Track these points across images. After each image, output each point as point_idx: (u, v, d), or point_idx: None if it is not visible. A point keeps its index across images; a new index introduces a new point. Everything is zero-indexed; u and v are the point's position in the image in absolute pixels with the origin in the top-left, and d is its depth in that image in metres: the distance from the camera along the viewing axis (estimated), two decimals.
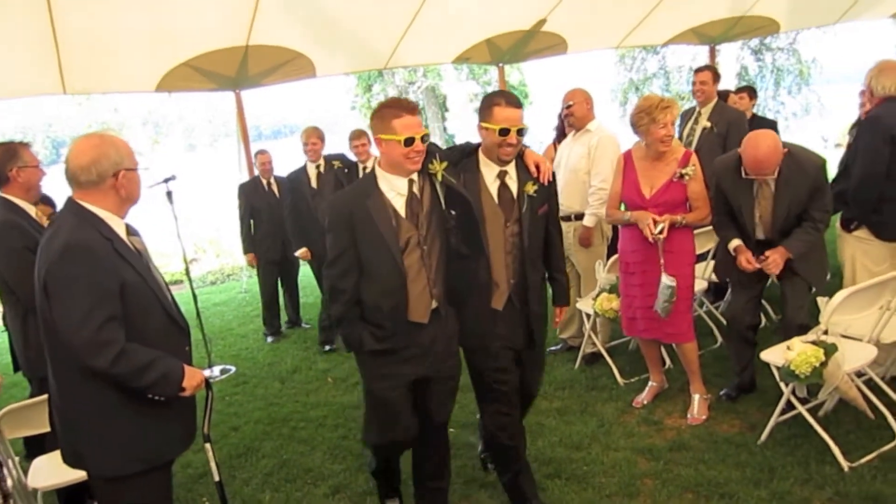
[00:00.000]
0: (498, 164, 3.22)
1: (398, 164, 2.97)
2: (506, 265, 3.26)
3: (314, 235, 6.20)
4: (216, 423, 5.02)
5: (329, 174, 6.43)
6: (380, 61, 7.89)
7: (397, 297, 3.05)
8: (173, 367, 2.50)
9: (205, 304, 8.88)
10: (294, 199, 6.54)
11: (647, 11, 8.08)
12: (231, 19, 6.12)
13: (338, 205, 3.12)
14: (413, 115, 2.93)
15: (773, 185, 3.96)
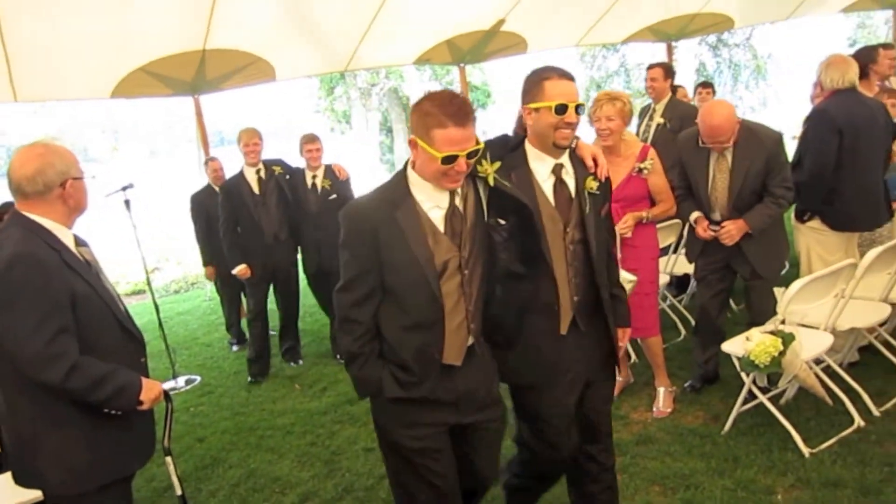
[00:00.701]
0: (553, 154, 2.61)
1: (433, 180, 2.37)
2: (568, 280, 2.64)
3: (257, 249, 5.81)
4: (181, 435, 4.95)
5: (271, 180, 5.87)
6: (340, 63, 7.85)
7: (430, 334, 2.44)
8: (130, 379, 2.45)
9: (168, 314, 8.78)
10: (231, 210, 5.81)
11: (605, 10, 8.17)
12: (187, 23, 6.04)
13: (358, 216, 2.43)
14: (463, 128, 2.26)
15: (729, 158, 4.02)
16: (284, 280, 6.08)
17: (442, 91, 2.35)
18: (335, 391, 5.40)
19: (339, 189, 5.87)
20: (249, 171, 5.84)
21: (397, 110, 20.92)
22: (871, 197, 4.35)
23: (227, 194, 5.84)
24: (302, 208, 5.87)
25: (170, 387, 5.92)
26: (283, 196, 5.85)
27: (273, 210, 5.81)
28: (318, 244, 5.83)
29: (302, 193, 5.87)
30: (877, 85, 5.06)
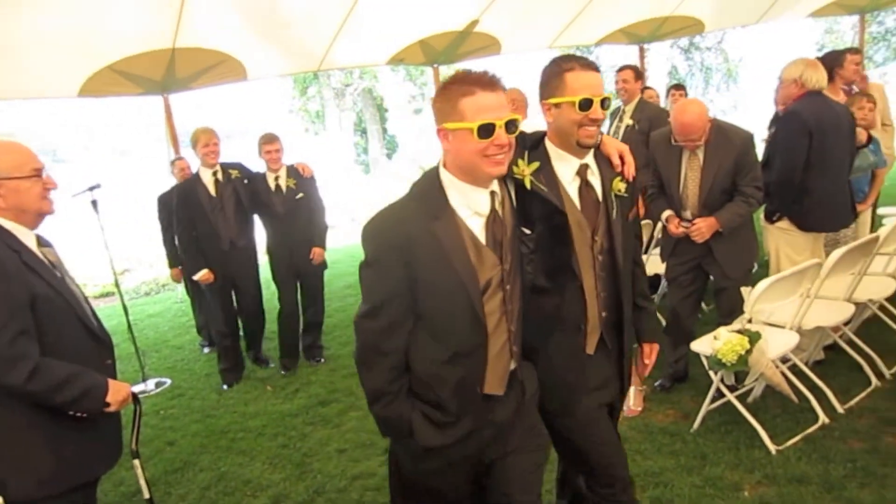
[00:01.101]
0: (577, 154, 2.34)
1: (472, 167, 2.02)
2: (596, 294, 2.39)
3: (213, 255, 5.58)
4: (151, 439, 4.89)
5: (228, 184, 5.63)
6: (313, 63, 7.81)
7: (470, 364, 2.14)
8: (96, 382, 2.41)
9: (139, 316, 8.69)
10: (188, 213, 5.56)
11: (577, 12, 8.21)
12: (156, 21, 5.96)
13: (387, 228, 2.07)
14: (493, 92, 1.98)
15: (701, 157, 4.07)
16: (245, 288, 5.85)
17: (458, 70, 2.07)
18: (307, 393, 5.37)
19: (306, 188, 5.77)
20: (206, 174, 5.60)
21: (371, 111, 20.89)
22: (838, 198, 4.43)
23: (183, 197, 5.59)
24: (267, 212, 5.73)
25: (139, 390, 5.85)
26: (240, 201, 5.65)
27: (230, 215, 5.60)
28: (290, 247, 5.74)
29: (265, 197, 5.69)
30: (841, 89, 5.16)
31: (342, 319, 7.26)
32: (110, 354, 2.63)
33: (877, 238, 4.21)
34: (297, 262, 5.78)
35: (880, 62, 26.04)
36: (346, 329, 6.87)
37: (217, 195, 5.57)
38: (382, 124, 21.56)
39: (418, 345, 2.13)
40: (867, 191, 4.99)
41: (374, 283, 2.10)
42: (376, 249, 2.08)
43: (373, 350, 2.13)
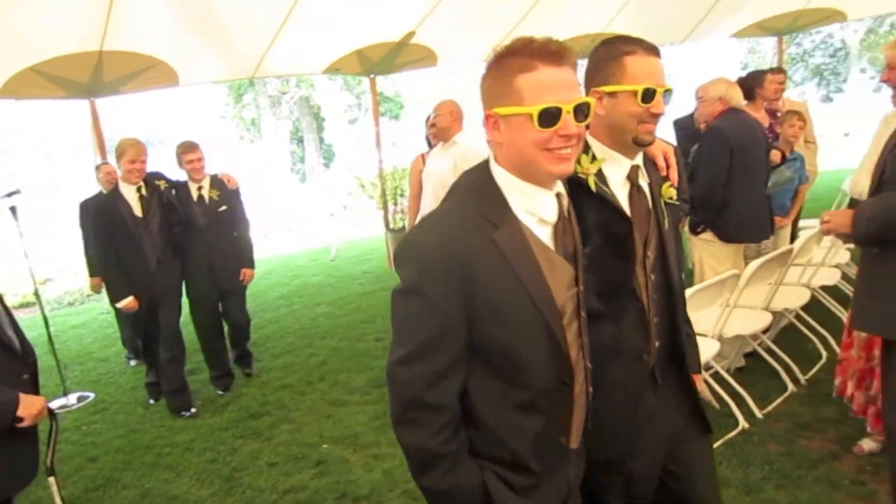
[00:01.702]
0: (629, 153, 1.93)
1: (530, 164, 1.57)
2: (649, 319, 1.96)
3: (139, 277, 5.07)
4: (72, 455, 4.71)
5: (154, 198, 5.14)
6: (248, 70, 7.71)
7: (554, 409, 1.69)
8: (5, 395, 2.31)
9: (61, 328, 8.37)
10: (106, 233, 5.06)
11: (510, 28, 8.34)
12: (83, 22, 5.79)
13: (437, 244, 1.55)
14: (558, 67, 1.52)
15: None
16: (165, 306, 5.28)
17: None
18: (237, 406, 5.26)
19: (230, 200, 5.44)
20: (128, 190, 5.06)
21: (308, 119, 20.74)
22: (758, 211, 4.62)
23: (102, 215, 5.09)
24: (188, 225, 5.30)
25: (60, 404, 5.62)
26: (166, 215, 5.18)
27: (156, 233, 5.13)
28: (210, 261, 5.38)
29: (186, 207, 5.29)
30: (764, 108, 5.39)
31: (275, 331, 7.16)
32: (28, 369, 2.53)
33: (791, 250, 4.40)
34: (220, 277, 5.45)
35: (799, 81, 27.28)
36: (278, 340, 6.78)
37: (143, 214, 5.08)
38: (319, 133, 21.40)
39: (481, 389, 1.65)
40: (789, 206, 5.21)
41: (417, 317, 1.58)
42: (422, 273, 1.56)
43: (418, 405, 1.59)
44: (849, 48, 27.05)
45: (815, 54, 28.24)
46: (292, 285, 9.44)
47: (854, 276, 3.01)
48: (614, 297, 1.90)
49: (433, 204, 5.13)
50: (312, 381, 5.57)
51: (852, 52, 27.04)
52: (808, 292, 4.74)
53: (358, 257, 11.06)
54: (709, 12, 9.25)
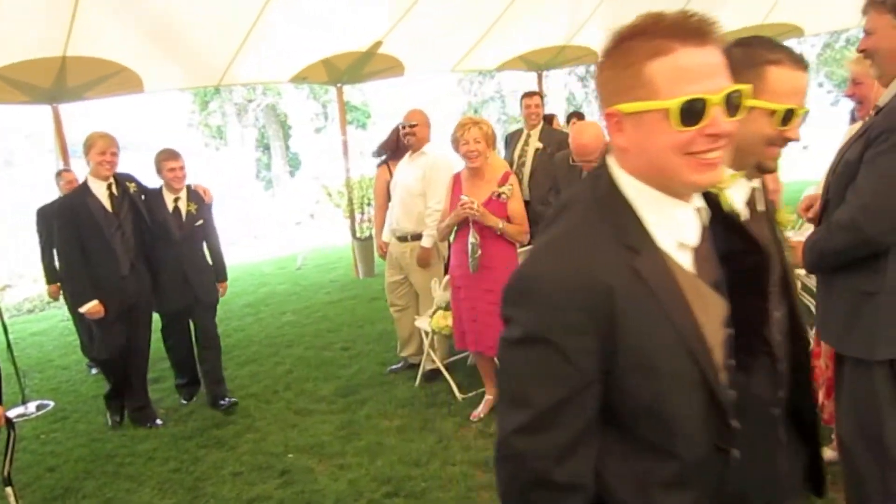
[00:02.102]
0: (752, 174, 1.66)
1: (665, 173, 1.22)
2: (779, 364, 1.62)
3: (110, 281, 4.77)
4: (29, 465, 4.63)
5: (125, 199, 4.89)
6: (213, 78, 7.68)
7: (705, 485, 1.31)
8: None
9: (20, 335, 8.22)
10: (74, 233, 4.72)
11: (478, 38, 8.46)
12: (46, 27, 5.73)
13: (568, 277, 1.18)
14: (701, 47, 1.18)
15: None
16: (143, 318, 5.09)
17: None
18: (201, 415, 5.22)
19: (205, 213, 5.23)
20: (98, 186, 4.79)
21: (275, 127, 20.66)
22: None
23: (70, 212, 4.74)
24: (158, 235, 5.05)
25: (18, 413, 5.53)
26: (138, 218, 4.95)
27: (129, 234, 4.87)
28: (185, 277, 5.12)
29: (160, 217, 5.03)
30: None
31: (241, 339, 7.12)
32: None
33: None
34: (196, 291, 5.19)
35: None
36: (244, 349, 6.75)
37: (114, 211, 4.80)
38: (285, 141, 21.31)
39: (617, 462, 1.27)
40: None
41: (543, 373, 1.20)
42: (549, 317, 1.17)
43: (544, 485, 1.22)
44: (806, 62, 27.72)
45: None
46: (258, 293, 9.40)
47: (813, 287, 3.10)
48: (751, 342, 1.52)
49: (401, 214, 5.19)
50: (278, 390, 5.56)
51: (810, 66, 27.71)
52: None
53: (324, 266, 11.04)
54: None
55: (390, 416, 4.84)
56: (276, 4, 6.58)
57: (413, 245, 5.22)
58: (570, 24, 9.05)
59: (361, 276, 9.64)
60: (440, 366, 5.22)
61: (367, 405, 5.04)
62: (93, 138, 4.75)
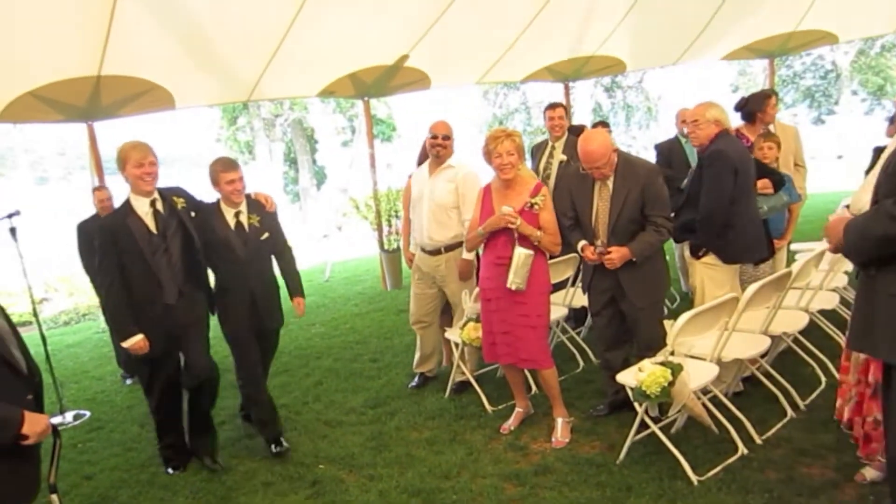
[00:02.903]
0: None
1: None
2: None
3: (155, 313, 4.22)
4: (67, 473, 4.71)
5: (172, 217, 4.27)
6: (242, 94, 7.80)
7: None
8: (9, 413, 2.36)
9: (57, 346, 8.37)
10: (114, 260, 4.15)
11: (504, 50, 8.47)
12: (81, 47, 5.88)
13: None
14: None
15: (611, 187, 4.24)
16: (193, 342, 4.41)
17: None
18: (234, 425, 5.28)
19: (270, 225, 4.63)
20: (141, 203, 4.21)
21: (301, 141, 20.83)
22: (758, 229, 4.67)
23: (111, 236, 4.16)
24: (225, 256, 4.48)
25: (57, 422, 5.62)
26: (188, 238, 4.32)
27: (177, 257, 4.27)
28: (252, 299, 4.55)
29: (222, 236, 4.45)
30: (760, 130, 5.48)
31: None
32: (33, 389, 2.57)
33: (790, 273, 4.37)
34: (261, 316, 4.65)
35: (790, 104, 27.53)
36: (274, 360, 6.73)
37: (159, 232, 4.21)
38: (312, 155, 21.49)
39: None
40: (783, 228, 5.27)
41: None
42: None
43: None
44: (840, 70, 27.32)
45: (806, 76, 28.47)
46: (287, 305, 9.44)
47: (852, 300, 2.98)
48: None
49: (434, 228, 5.18)
50: (308, 401, 5.60)
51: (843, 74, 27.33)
52: (807, 316, 4.68)
53: (352, 278, 11.09)
54: (699, 35, 9.40)
55: (420, 428, 4.85)
56: (303, 21, 6.67)
57: (448, 257, 5.23)
58: (596, 34, 9.03)
59: (389, 287, 9.68)
60: (470, 377, 5.21)
61: (396, 417, 5.06)
62: (125, 150, 4.14)
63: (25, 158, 33.40)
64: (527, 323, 4.33)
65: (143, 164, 4.11)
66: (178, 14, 6.16)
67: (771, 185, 4.92)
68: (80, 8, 5.54)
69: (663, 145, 6.78)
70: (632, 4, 8.35)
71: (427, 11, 7.35)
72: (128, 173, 4.15)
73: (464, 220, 5.08)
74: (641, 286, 4.29)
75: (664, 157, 6.51)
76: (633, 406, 3.96)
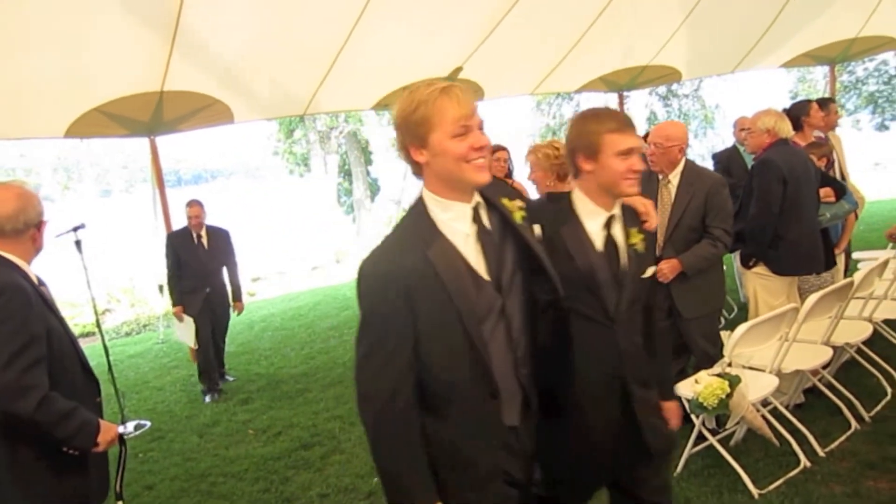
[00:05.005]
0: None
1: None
2: None
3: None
4: (128, 483, 4.81)
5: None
6: (299, 107, 7.90)
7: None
8: (90, 419, 2.46)
9: (119, 357, 8.59)
10: None
11: (558, 60, 8.41)
12: (145, 64, 6.04)
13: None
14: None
15: (673, 192, 4.15)
16: None
17: None
18: (289, 436, 5.33)
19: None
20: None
21: (356, 153, 21.05)
22: (811, 242, 4.54)
23: None
24: None
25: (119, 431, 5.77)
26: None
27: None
28: None
29: None
30: (813, 136, 5.34)
31: (325, 362, 7.24)
32: (100, 392, 2.68)
33: (852, 282, 4.27)
34: None
35: (852, 110, 26.75)
36: (328, 371, 6.85)
37: None
38: (366, 167, 21.71)
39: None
40: (839, 236, 5.14)
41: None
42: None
43: None
44: None
45: (869, 82, 27.62)
46: (341, 316, 9.55)
47: None
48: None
49: None
50: None
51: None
52: (870, 326, 4.58)
53: None
54: (758, 42, 9.19)
55: None
56: (358, 35, 6.73)
57: None
58: (651, 43, 8.91)
59: None
60: None
61: None
62: None
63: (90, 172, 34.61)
64: None
65: None
66: (238, 30, 6.29)
67: (833, 194, 4.81)
68: (145, 25, 5.70)
69: (721, 154, 6.65)
70: (688, 13, 8.21)
71: (481, 23, 7.35)
72: None
73: None
74: (693, 297, 4.18)
75: (722, 165, 6.38)
76: (690, 418, 3.88)
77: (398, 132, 1.93)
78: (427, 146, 1.85)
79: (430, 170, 1.89)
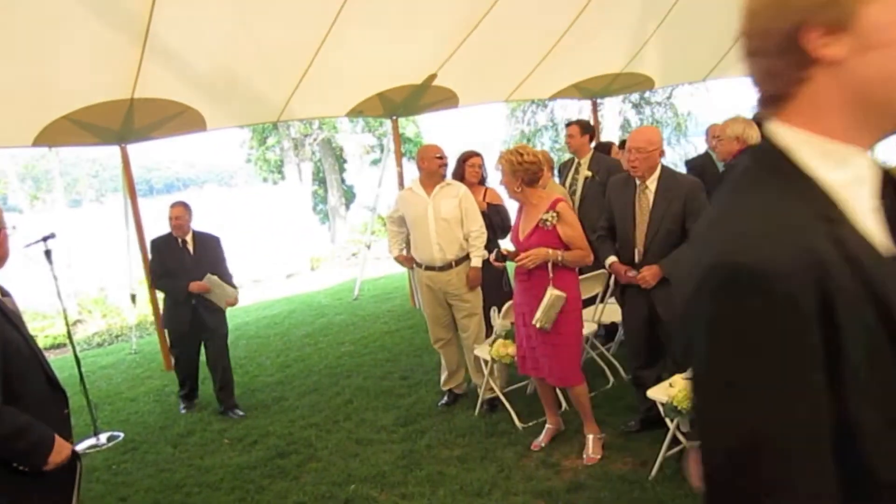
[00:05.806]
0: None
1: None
2: None
3: None
4: (102, 495, 4.75)
5: None
6: (272, 114, 7.89)
7: None
8: (46, 436, 2.39)
9: (91, 368, 8.45)
10: None
11: (531, 68, 8.49)
12: (115, 71, 5.99)
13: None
14: None
15: (651, 198, 4.19)
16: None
17: None
18: (265, 444, 5.29)
19: None
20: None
21: (330, 160, 20.99)
22: None
23: None
24: None
25: (91, 444, 5.68)
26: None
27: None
28: None
29: None
30: None
31: (301, 369, 7.20)
32: (67, 405, 2.61)
33: None
34: None
35: None
36: (304, 379, 6.81)
37: None
38: (341, 174, 21.65)
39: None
40: None
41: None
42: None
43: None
44: None
45: None
46: (316, 324, 9.50)
47: None
48: None
49: (444, 244, 5.28)
50: (338, 420, 5.59)
51: None
52: None
53: (381, 296, 11.10)
54: (729, 51, 9.34)
55: (451, 446, 4.82)
56: (332, 42, 6.74)
57: (458, 270, 5.28)
58: (625, 51, 9.02)
59: (419, 305, 9.66)
60: (500, 394, 5.19)
61: (427, 434, 5.03)
62: None
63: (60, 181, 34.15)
64: (560, 342, 4.30)
65: None
66: (209, 37, 6.27)
67: None
68: (114, 31, 5.65)
69: (695, 161, 6.75)
70: (661, 21, 8.33)
71: (455, 30, 7.40)
72: None
73: (468, 232, 5.24)
74: (671, 299, 4.22)
75: (696, 173, 6.46)
76: (665, 422, 3.92)
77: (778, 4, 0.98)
78: (853, 27, 0.91)
79: (835, 82, 0.95)
